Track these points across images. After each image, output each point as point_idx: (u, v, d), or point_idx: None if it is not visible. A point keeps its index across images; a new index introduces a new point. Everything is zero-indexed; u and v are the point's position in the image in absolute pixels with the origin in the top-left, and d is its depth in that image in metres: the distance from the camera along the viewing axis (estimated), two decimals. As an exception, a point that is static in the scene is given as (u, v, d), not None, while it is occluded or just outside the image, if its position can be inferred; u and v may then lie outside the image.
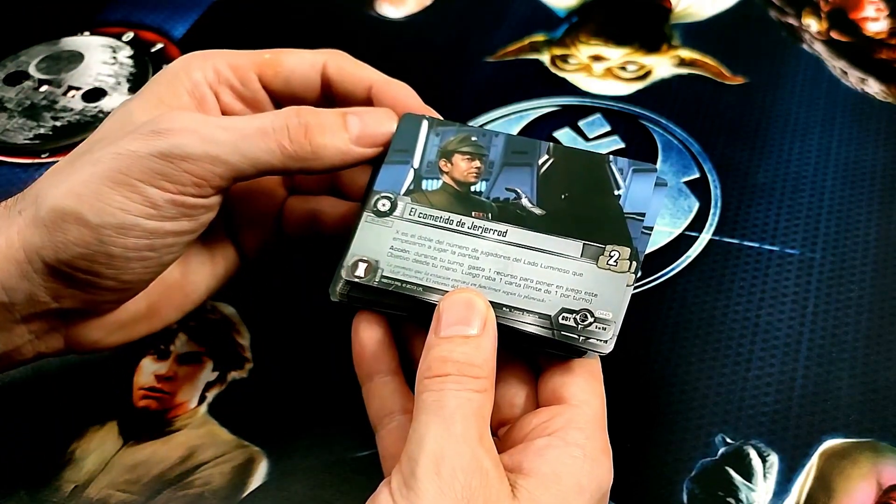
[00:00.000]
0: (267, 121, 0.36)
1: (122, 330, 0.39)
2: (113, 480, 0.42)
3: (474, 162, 0.38)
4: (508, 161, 0.38)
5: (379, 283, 0.36)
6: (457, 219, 0.37)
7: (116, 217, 0.34)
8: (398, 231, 0.36)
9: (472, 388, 0.32)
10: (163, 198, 0.35)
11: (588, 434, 0.33)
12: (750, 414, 0.43)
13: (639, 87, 0.59)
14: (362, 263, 0.36)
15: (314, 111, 0.37)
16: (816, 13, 0.63)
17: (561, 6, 0.65)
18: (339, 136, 0.37)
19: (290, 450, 0.42)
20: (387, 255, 0.36)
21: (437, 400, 0.31)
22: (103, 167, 0.34)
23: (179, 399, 0.45)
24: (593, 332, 0.34)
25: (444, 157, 0.38)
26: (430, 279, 0.35)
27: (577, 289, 0.35)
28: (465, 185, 0.37)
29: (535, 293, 0.35)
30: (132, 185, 0.34)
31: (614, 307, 0.35)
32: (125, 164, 0.34)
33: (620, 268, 0.35)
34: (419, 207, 0.37)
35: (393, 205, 0.37)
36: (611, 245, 0.36)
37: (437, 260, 0.36)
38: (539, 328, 0.35)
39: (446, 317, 0.33)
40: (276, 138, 0.36)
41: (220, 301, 0.48)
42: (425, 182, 0.37)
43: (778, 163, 0.54)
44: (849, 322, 0.46)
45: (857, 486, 0.40)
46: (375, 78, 0.40)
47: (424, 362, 0.33)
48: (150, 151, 0.34)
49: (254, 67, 0.40)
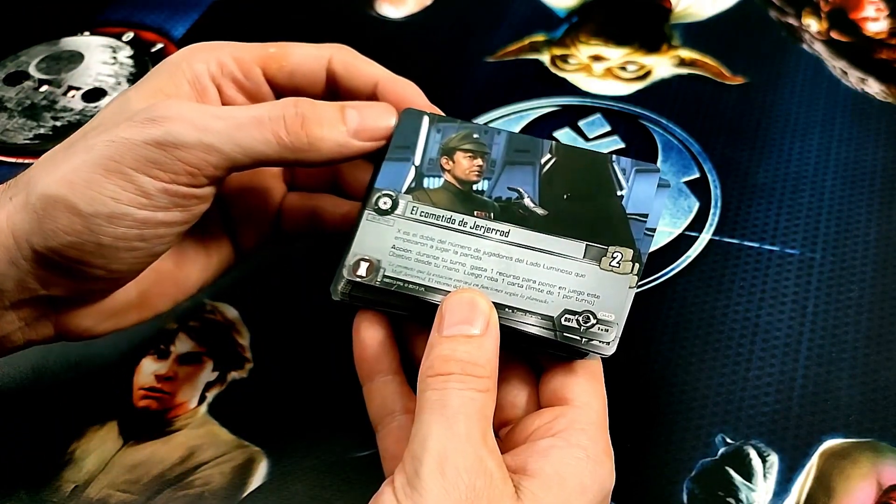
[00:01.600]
0: (263, 110, 0.35)
1: (113, 318, 0.39)
2: (113, 480, 0.42)
3: (476, 160, 0.38)
4: (510, 160, 0.38)
5: (381, 282, 0.35)
6: (459, 218, 0.36)
7: (107, 206, 0.34)
8: (400, 230, 0.36)
9: (476, 388, 0.32)
10: (155, 187, 0.34)
11: (591, 435, 0.33)
12: (750, 414, 0.43)
13: (639, 87, 0.59)
14: (364, 263, 0.36)
15: (312, 103, 0.36)
16: (816, 13, 0.63)
17: (561, 6, 0.65)
18: (336, 128, 0.36)
19: (290, 450, 0.42)
20: (389, 254, 0.36)
21: (441, 399, 0.31)
22: (96, 154, 0.34)
23: (179, 399, 0.45)
24: (596, 333, 0.34)
25: (446, 155, 0.38)
26: (432, 279, 0.35)
27: (579, 290, 0.35)
28: (467, 184, 0.37)
29: (537, 294, 0.35)
30: (124, 173, 0.34)
31: (617, 309, 0.35)
32: (118, 151, 0.34)
33: (623, 269, 0.35)
34: (421, 206, 0.37)
35: (394, 203, 0.37)
36: (613, 246, 0.36)
37: (440, 260, 0.36)
38: (541, 329, 0.35)
39: (449, 316, 0.33)
40: (273, 128, 0.35)
41: (220, 301, 0.48)
42: (427, 180, 0.37)
43: (778, 163, 0.54)
44: (849, 322, 0.46)
45: (857, 486, 0.40)
46: (381, 75, 0.40)
47: (427, 361, 0.33)
48: (144, 139, 0.34)
49: (258, 61, 0.39)
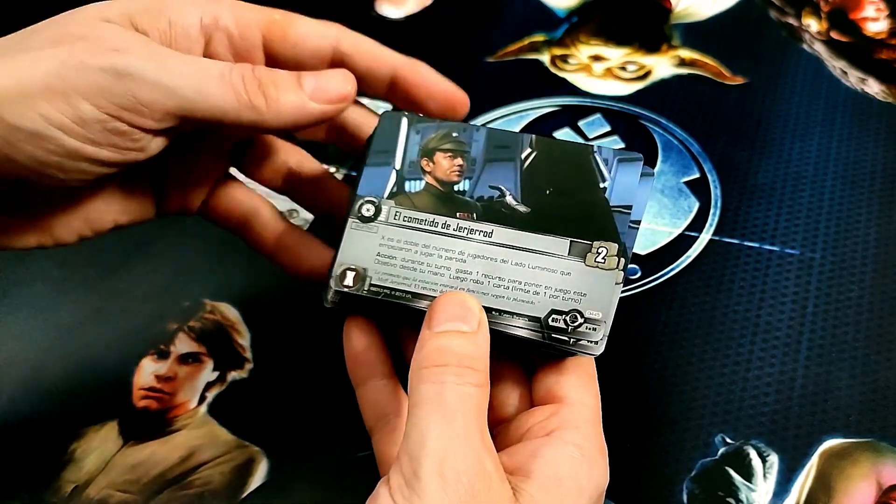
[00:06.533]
0: (225, 67, 0.34)
1: (6, 236, 0.36)
2: (113, 480, 0.42)
3: (456, 160, 0.37)
4: (491, 157, 0.37)
5: (368, 291, 0.35)
6: (442, 220, 0.36)
7: (34, 123, 0.31)
8: (384, 236, 0.36)
9: (472, 382, 0.31)
10: (94, 116, 0.32)
11: (585, 434, 0.33)
12: (750, 414, 0.43)
13: (639, 87, 0.59)
14: (350, 272, 0.35)
15: (269, 70, 0.35)
16: (816, 13, 0.63)
17: (561, 6, 0.65)
18: (294, 91, 0.35)
19: (290, 450, 0.42)
20: (374, 261, 0.35)
21: (438, 393, 0.31)
22: (43, 69, 0.32)
23: (179, 399, 0.45)
24: (584, 333, 0.34)
25: (426, 156, 0.37)
26: (418, 285, 0.35)
27: (565, 289, 0.35)
28: (449, 185, 0.37)
29: (523, 295, 0.35)
30: (67, 94, 0.32)
31: (604, 306, 0.34)
32: (68, 71, 0.32)
33: (609, 265, 0.35)
34: (403, 210, 0.36)
35: (377, 209, 0.36)
36: (598, 241, 0.35)
37: (425, 265, 0.35)
38: (529, 331, 0.34)
39: (440, 314, 0.33)
40: (233, 84, 0.34)
41: (220, 301, 0.48)
42: (408, 183, 0.37)
43: (778, 163, 0.54)
44: (849, 322, 0.46)
45: (857, 486, 0.40)
46: (398, 61, 0.38)
47: (419, 354, 0.32)
48: (101, 65, 0.32)
49: (261, 24, 0.37)
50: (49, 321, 0.48)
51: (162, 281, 0.49)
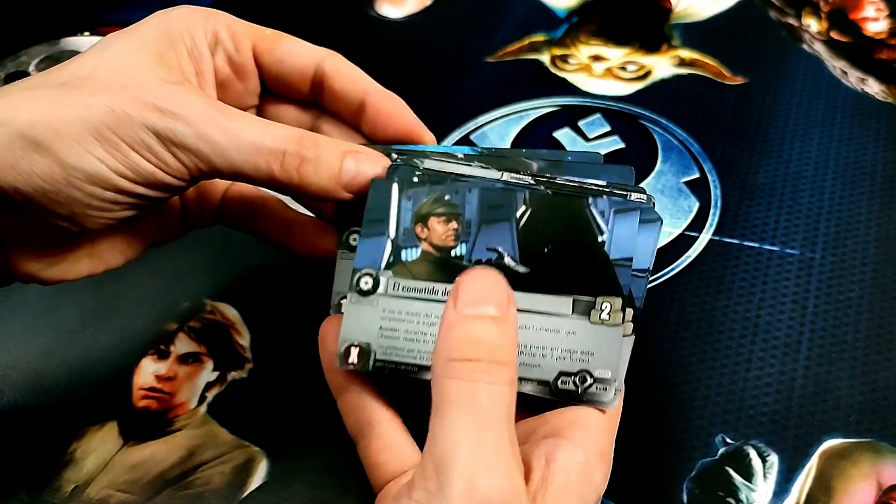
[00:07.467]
0: (267, 138, 0.35)
1: (62, 266, 0.38)
2: (113, 480, 0.42)
3: (451, 223, 0.36)
4: (486, 218, 0.36)
5: (373, 367, 0.35)
6: (441, 288, 0.35)
7: (92, 165, 0.33)
8: (384, 309, 0.35)
9: (504, 380, 0.30)
10: (143, 166, 0.34)
11: (592, 436, 0.33)
12: (750, 414, 0.43)
13: (639, 87, 0.59)
14: (354, 349, 0.35)
15: (315, 143, 0.36)
16: (816, 13, 0.63)
17: (561, 6, 0.65)
18: (330, 176, 0.36)
19: (290, 450, 0.42)
20: (377, 336, 0.35)
21: (470, 396, 0.30)
22: (94, 117, 0.33)
23: (179, 399, 0.45)
24: (594, 393, 0.34)
25: (420, 222, 0.36)
26: (423, 356, 0.34)
27: (572, 349, 0.34)
28: (445, 250, 0.36)
29: (529, 359, 0.34)
30: (117, 144, 0.33)
31: (613, 364, 0.34)
32: (117, 124, 0.33)
33: (614, 320, 0.34)
34: (402, 281, 0.35)
35: (375, 282, 0.35)
36: (601, 297, 0.34)
37: (428, 335, 0.35)
38: (539, 394, 0.34)
39: (467, 293, 0.31)
40: (268, 159, 0.35)
41: (220, 301, 0.48)
42: (404, 252, 0.36)
43: (778, 163, 0.54)
44: (849, 322, 0.46)
45: (857, 486, 0.40)
46: (371, 88, 0.39)
47: (447, 341, 0.31)
48: (146, 123, 0.33)
49: (251, 37, 0.39)
50: (50, 322, 0.48)
51: (162, 281, 0.49)
